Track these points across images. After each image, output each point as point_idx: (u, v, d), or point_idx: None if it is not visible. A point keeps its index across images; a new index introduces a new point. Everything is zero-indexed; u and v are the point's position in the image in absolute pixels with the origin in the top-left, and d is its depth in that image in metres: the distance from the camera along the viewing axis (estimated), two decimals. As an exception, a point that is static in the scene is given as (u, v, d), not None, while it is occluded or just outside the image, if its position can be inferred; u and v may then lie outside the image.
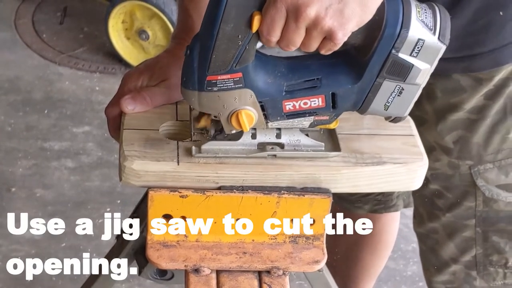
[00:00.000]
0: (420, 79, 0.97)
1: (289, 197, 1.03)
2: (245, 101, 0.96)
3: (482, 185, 1.32)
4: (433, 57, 0.95)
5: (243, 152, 1.03)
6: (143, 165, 1.00)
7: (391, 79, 0.96)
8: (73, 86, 3.08)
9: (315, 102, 0.98)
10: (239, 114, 0.97)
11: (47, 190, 2.55)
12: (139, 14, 3.11)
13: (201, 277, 1.04)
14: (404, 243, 2.46)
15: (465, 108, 1.27)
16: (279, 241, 1.07)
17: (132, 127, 1.06)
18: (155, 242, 1.05)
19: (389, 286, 2.34)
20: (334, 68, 0.97)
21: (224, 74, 0.93)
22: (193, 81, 0.94)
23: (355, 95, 0.98)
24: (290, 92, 0.97)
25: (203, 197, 1.02)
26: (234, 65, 0.92)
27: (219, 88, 0.94)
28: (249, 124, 0.98)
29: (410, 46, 0.93)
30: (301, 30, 0.88)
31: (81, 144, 2.76)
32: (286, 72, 0.97)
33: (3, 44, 3.29)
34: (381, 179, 1.05)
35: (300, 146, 1.04)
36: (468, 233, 1.39)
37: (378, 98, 0.98)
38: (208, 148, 1.02)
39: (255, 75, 0.95)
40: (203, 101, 0.96)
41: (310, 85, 0.97)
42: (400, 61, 0.94)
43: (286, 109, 0.98)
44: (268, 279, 1.05)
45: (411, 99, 0.99)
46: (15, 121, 2.84)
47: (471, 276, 1.43)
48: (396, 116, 1.02)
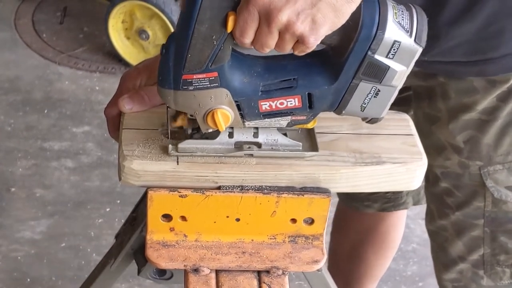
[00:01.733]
0: (397, 81, 0.96)
1: (289, 197, 1.03)
2: (221, 100, 0.96)
3: (491, 186, 1.33)
4: (410, 59, 0.95)
5: (220, 151, 1.03)
6: (143, 164, 1.00)
7: (367, 81, 0.96)
8: (73, 86, 3.08)
9: (292, 102, 0.98)
10: (215, 113, 0.96)
11: (47, 190, 2.55)
12: (139, 14, 3.11)
13: (200, 277, 1.04)
14: (404, 243, 2.46)
15: (477, 108, 1.28)
16: (278, 241, 1.07)
17: (131, 127, 1.06)
18: (154, 242, 1.05)
19: (389, 286, 2.34)
20: (311, 69, 0.97)
21: (199, 73, 0.93)
22: (169, 80, 0.94)
23: (331, 95, 0.97)
24: (266, 92, 0.97)
25: (202, 197, 1.02)
26: (210, 65, 0.92)
27: (195, 87, 0.94)
28: (225, 124, 0.97)
29: (386, 48, 0.93)
30: (274, 34, 0.88)
31: (81, 144, 2.76)
32: (262, 72, 0.97)
33: (3, 44, 3.29)
34: (380, 178, 1.05)
35: (277, 146, 1.04)
36: (476, 232, 1.39)
37: (355, 99, 0.98)
38: (185, 146, 1.02)
39: (231, 75, 0.95)
40: (179, 100, 0.96)
41: (286, 85, 0.97)
42: (376, 63, 0.94)
43: (263, 109, 0.98)
44: (267, 279, 1.05)
45: (388, 101, 0.99)
46: (15, 121, 2.84)
47: (478, 275, 1.44)
48: (373, 117, 1.02)
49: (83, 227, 2.43)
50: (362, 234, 1.78)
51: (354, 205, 1.69)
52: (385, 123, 1.10)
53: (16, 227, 2.41)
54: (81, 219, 2.46)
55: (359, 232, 1.77)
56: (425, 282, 2.35)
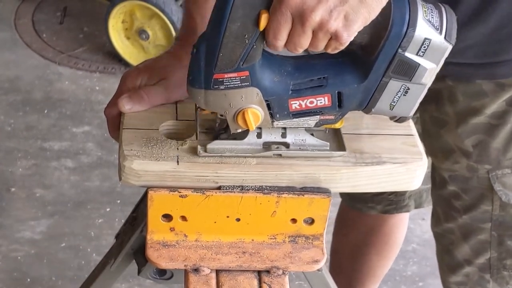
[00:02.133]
0: (426, 78, 0.97)
1: (289, 197, 1.03)
2: (252, 99, 0.96)
3: (499, 189, 1.33)
4: (440, 56, 0.95)
5: (248, 152, 1.03)
6: (143, 164, 1.00)
7: (397, 79, 0.96)
8: (73, 86, 3.08)
9: (321, 101, 0.98)
10: (246, 112, 0.96)
11: (47, 190, 2.55)
12: (139, 14, 3.11)
13: (200, 277, 1.04)
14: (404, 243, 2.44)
15: (486, 112, 1.28)
16: (278, 240, 1.07)
17: (131, 126, 1.06)
18: (154, 242, 1.05)
19: (389, 286, 2.34)
20: (341, 68, 0.97)
21: (231, 73, 0.93)
22: (199, 80, 0.94)
23: (361, 94, 0.98)
24: (297, 91, 0.97)
25: (202, 197, 1.02)
26: (241, 64, 0.92)
27: (226, 87, 0.94)
28: (255, 123, 0.98)
29: (416, 46, 0.93)
30: (308, 34, 0.88)
31: (81, 144, 2.76)
32: (292, 71, 0.97)
33: (3, 44, 3.29)
34: (380, 178, 1.05)
35: (305, 146, 1.04)
36: (483, 236, 1.39)
37: (384, 98, 0.98)
38: (213, 147, 1.02)
39: (261, 74, 0.95)
40: (209, 100, 0.96)
41: (316, 84, 0.97)
42: (406, 61, 0.94)
43: (292, 108, 0.98)
44: (267, 279, 1.05)
45: (417, 99, 0.99)
46: (15, 121, 2.84)
47: (485, 279, 1.44)
48: (401, 116, 1.02)
49: (83, 227, 2.42)
50: (365, 235, 1.78)
51: (357, 206, 1.69)
52: (386, 123, 1.11)
53: (16, 227, 2.41)
54: (81, 219, 2.45)
55: (362, 233, 1.77)
56: (425, 282, 2.34)
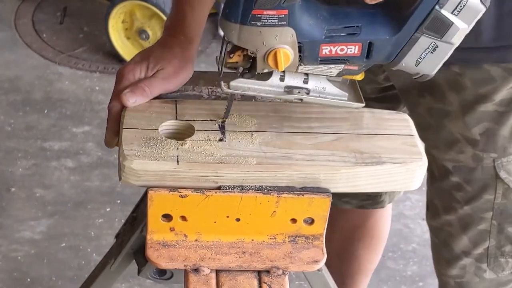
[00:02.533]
0: (456, 38, 0.98)
1: (289, 197, 1.03)
2: (285, 39, 0.96)
3: (505, 177, 1.34)
4: (473, 17, 0.97)
5: (270, 93, 1.04)
6: (143, 164, 1.00)
7: (429, 35, 0.98)
8: (73, 86, 3.08)
9: (352, 50, 0.99)
10: (278, 52, 0.97)
11: (47, 190, 2.55)
12: (139, 14, 3.11)
13: (200, 277, 1.04)
14: (404, 243, 2.46)
15: (494, 99, 1.28)
16: (278, 240, 1.07)
17: (131, 126, 1.06)
18: (154, 242, 1.05)
19: (389, 286, 2.34)
20: (375, 18, 0.98)
21: (270, 10, 0.93)
22: (236, 14, 0.94)
23: (390, 47, 0.99)
24: (330, 37, 0.98)
25: (202, 197, 1.02)
26: (283, 1, 0.92)
27: (263, 23, 0.94)
28: (285, 64, 0.98)
29: (453, 4, 0.95)
30: None
31: (81, 144, 2.76)
32: (328, 16, 0.98)
33: (3, 44, 3.29)
34: (380, 179, 1.05)
35: (325, 94, 1.05)
36: (483, 225, 1.40)
37: (412, 53, 1.00)
38: (237, 84, 1.03)
39: (299, 15, 0.95)
40: (243, 35, 0.96)
41: (349, 31, 0.98)
42: (441, 18, 0.96)
43: (323, 53, 0.99)
44: (267, 279, 1.05)
45: (442, 58, 1.01)
46: (15, 121, 2.84)
47: (481, 269, 1.44)
48: (424, 73, 1.03)
49: (83, 227, 2.42)
50: (350, 231, 1.78)
51: (332, 201, 1.69)
52: (386, 123, 1.11)
53: (16, 227, 2.41)
54: (81, 219, 2.45)
55: (347, 229, 1.77)
56: (425, 282, 2.34)
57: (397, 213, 2.55)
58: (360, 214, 1.74)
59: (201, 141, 1.05)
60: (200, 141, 1.05)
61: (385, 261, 2.38)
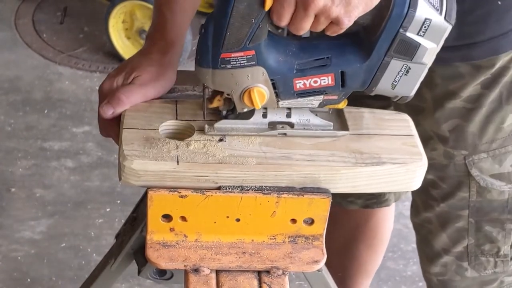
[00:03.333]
0: (427, 58, 0.99)
1: (289, 197, 1.03)
2: (258, 78, 0.99)
3: (476, 174, 1.35)
4: (440, 36, 0.98)
5: (254, 131, 1.06)
6: (143, 164, 1.00)
7: (399, 58, 0.99)
8: (73, 86, 3.07)
9: (325, 81, 1.01)
10: (251, 91, 0.99)
11: (47, 190, 2.55)
12: (139, 13, 3.11)
13: (200, 277, 1.04)
14: (404, 243, 2.46)
15: (462, 95, 1.29)
16: (278, 241, 1.07)
17: (131, 126, 1.06)
18: (154, 242, 1.05)
19: (389, 286, 2.34)
20: (344, 48, 1.00)
21: (237, 52, 0.96)
22: (207, 59, 0.97)
23: (363, 73, 1.00)
24: (301, 71, 1.00)
25: (202, 197, 1.02)
26: (248, 43, 0.95)
27: (233, 66, 0.97)
28: (261, 102, 1.00)
29: (417, 25, 0.96)
30: (310, 18, 0.91)
31: (81, 144, 2.76)
32: (297, 51, 1.00)
33: (3, 44, 3.29)
34: (380, 179, 1.05)
35: (309, 126, 1.07)
36: (461, 223, 1.41)
37: (386, 77, 1.01)
38: (220, 126, 1.05)
39: (267, 53, 0.97)
40: (216, 79, 0.99)
41: (320, 63, 1.00)
42: (408, 40, 0.97)
43: (297, 87, 1.01)
44: (267, 279, 1.05)
45: (418, 78, 1.02)
46: (15, 121, 2.84)
47: (463, 267, 1.46)
48: (403, 95, 1.04)
49: (83, 227, 2.42)
50: (352, 231, 1.78)
51: (337, 201, 1.69)
52: (386, 124, 1.11)
53: (16, 227, 2.41)
54: (81, 219, 2.45)
55: (349, 229, 1.78)
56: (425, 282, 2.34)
57: (397, 213, 2.54)
58: (363, 213, 1.74)
59: (201, 141, 1.05)
60: (200, 141, 1.05)
61: (385, 261, 2.38)
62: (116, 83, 1.12)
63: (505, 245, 1.42)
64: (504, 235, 1.41)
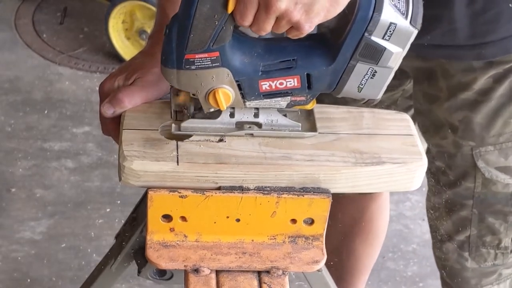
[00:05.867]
0: (393, 62, 0.99)
1: (289, 197, 1.03)
2: (222, 79, 0.99)
3: (482, 166, 1.37)
4: (405, 41, 0.97)
5: (221, 131, 1.05)
6: (143, 165, 1.00)
7: (364, 62, 0.98)
8: (73, 86, 3.08)
9: (291, 83, 1.00)
10: (216, 92, 0.99)
11: (47, 191, 2.55)
12: (139, 14, 3.11)
13: (200, 277, 1.04)
14: (404, 243, 2.46)
15: (474, 88, 1.31)
16: (278, 241, 1.07)
17: (131, 127, 1.06)
18: (154, 242, 1.05)
19: (389, 286, 2.34)
20: (310, 50, 1.00)
21: (201, 53, 0.96)
22: (172, 60, 0.97)
23: (329, 76, 1.00)
24: (266, 72, 1.00)
25: (202, 197, 1.02)
26: (211, 44, 0.95)
27: (197, 67, 0.97)
28: (226, 103, 1.00)
29: (382, 30, 0.96)
30: (271, 20, 0.92)
31: (81, 144, 2.76)
32: (262, 53, 1.00)
33: (3, 44, 3.29)
34: (380, 179, 1.05)
35: (277, 126, 1.06)
36: (464, 212, 1.43)
37: (352, 80, 1.01)
38: (187, 126, 1.05)
39: (232, 55, 0.97)
40: (181, 79, 0.99)
41: (285, 65, 1.00)
42: (373, 44, 0.97)
43: (263, 88, 1.00)
44: (267, 279, 1.05)
45: (384, 82, 1.02)
46: (15, 121, 2.84)
47: (463, 257, 1.48)
48: (369, 98, 1.04)
49: (83, 228, 2.42)
50: (347, 226, 1.79)
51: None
52: (385, 123, 1.11)
53: (16, 227, 2.41)
54: (81, 220, 2.45)
55: (344, 224, 1.78)
56: (425, 283, 2.34)
57: (397, 214, 2.55)
58: (357, 206, 1.75)
59: (201, 142, 1.05)
60: (200, 141, 1.05)
61: (385, 262, 2.38)
62: (117, 82, 1.12)
63: (506, 237, 1.45)
64: (506, 227, 1.43)
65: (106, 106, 1.09)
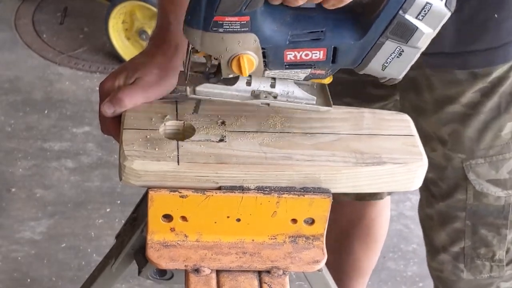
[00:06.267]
0: (422, 43, 0.98)
1: (289, 197, 1.03)
2: (248, 45, 0.96)
3: (473, 179, 1.36)
4: (438, 22, 0.97)
5: (236, 98, 1.04)
6: (143, 165, 1.00)
7: (394, 40, 0.97)
8: (73, 86, 3.08)
9: (316, 55, 0.98)
10: (241, 58, 0.96)
11: (47, 191, 2.55)
12: (139, 14, 3.11)
13: (201, 277, 1.04)
14: (404, 243, 2.46)
15: (461, 101, 1.30)
16: (279, 241, 1.07)
17: (132, 127, 1.06)
18: (155, 242, 1.05)
19: (389, 286, 2.34)
20: (340, 23, 0.98)
21: (232, 16, 0.93)
22: (198, 20, 0.93)
23: (356, 51, 0.99)
24: (294, 42, 0.97)
25: (203, 197, 1.02)
26: (244, 8, 0.92)
27: (225, 30, 0.94)
28: (249, 70, 0.97)
29: (417, 9, 0.95)
30: None
31: (81, 144, 2.76)
32: (292, 21, 0.97)
33: (3, 44, 3.29)
34: (381, 179, 1.05)
35: (292, 98, 1.05)
36: (458, 224, 1.42)
37: (378, 57, 0.99)
38: (202, 90, 1.03)
39: (262, 21, 0.95)
40: (205, 41, 0.95)
41: (314, 37, 0.97)
42: (406, 23, 0.96)
43: (287, 59, 0.98)
44: (268, 279, 1.05)
45: (409, 62, 1.01)
46: (15, 121, 2.84)
47: (459, 268, 1.47)
48: (391, 77, 1.03)
49: (83, 228, 2.42)
50: (346, 228, 1.79)
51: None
52: (386, 124, 1.11)
53: (16, 227, 2.41)
54: (81, 220, 2.45)
55: (343, 225, 1.78)
56: (425, 283, 2.34)
57: (397, 214, 2.55)
58: (356, 209, 1.75)
59: (202, 142, 1.05)
60: (201, 141, 1.05)
61: (385, 262, 2.38)
62: (118, 82, 1.11)
63: (500, 250, 1.43)
64: (499, 239, 1.42)
65: (106, 105, 1.09)
